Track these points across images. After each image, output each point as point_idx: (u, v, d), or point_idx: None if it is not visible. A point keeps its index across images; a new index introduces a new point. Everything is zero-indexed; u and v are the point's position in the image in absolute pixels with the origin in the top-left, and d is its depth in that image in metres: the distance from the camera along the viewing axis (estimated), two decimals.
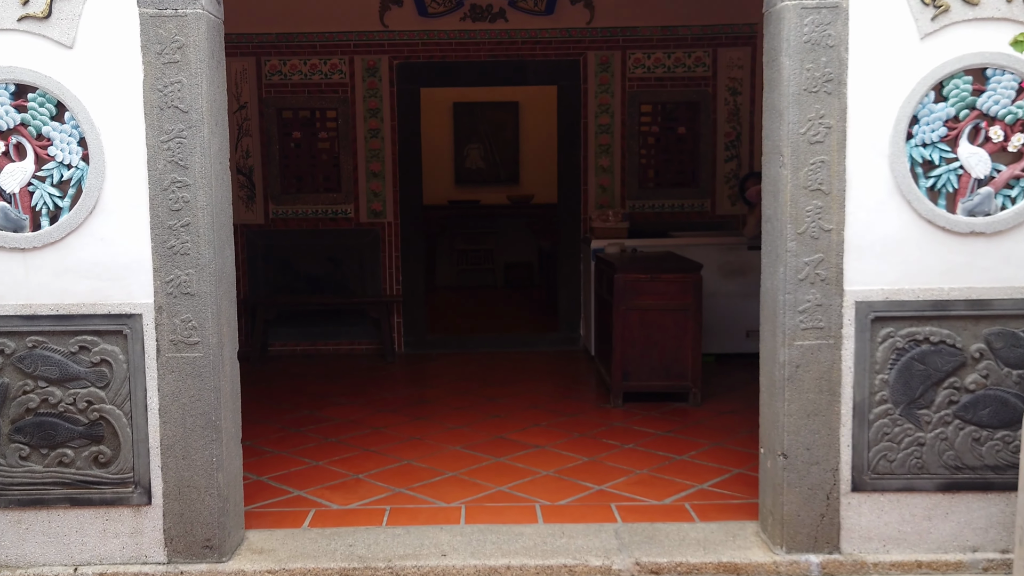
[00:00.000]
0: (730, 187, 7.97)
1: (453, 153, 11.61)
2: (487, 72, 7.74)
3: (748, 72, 7.86)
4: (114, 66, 3.36)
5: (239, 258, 7.77)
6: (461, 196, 11.55)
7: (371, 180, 7.78)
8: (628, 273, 6.08)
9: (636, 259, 6.55)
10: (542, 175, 11.57)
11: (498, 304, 10.51)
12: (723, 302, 7.16)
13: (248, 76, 7.60)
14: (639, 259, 6.56)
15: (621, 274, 6.07)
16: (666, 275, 6.09)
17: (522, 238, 11.71)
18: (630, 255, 6.85)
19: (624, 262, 6.29)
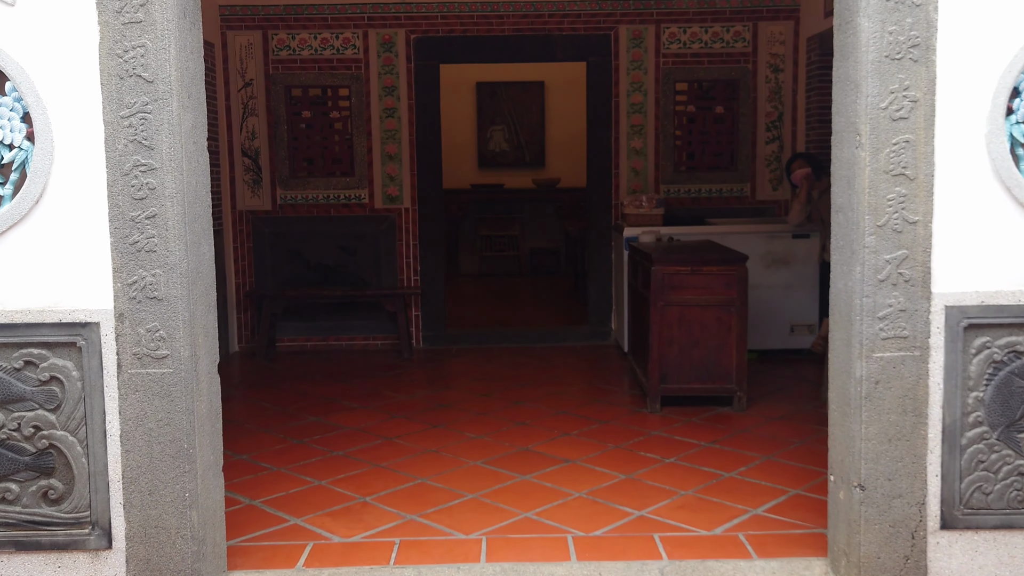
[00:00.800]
0: (771, 170, 7.30)
1: (476, 135, 11.00)
2: (511, 47, 7.11)
3: (791, 48, 7.16)
4: (65, 27, 2.78)
5: (244, 247, 7.22)
6: (484, 180, 10.95)
7: (387, 163, 7.19)
8: (666, 265, 5.45)
9: (674, 249, 5.91)
10: (569, 158, 10.97)
11: (523, 293, 9.91)
12: (765, 294, 6.52)
13: (254, 51, 7.02)
14: (677, 249, 5.92)
15: (659, 266, 5.44)
16: (708, 267, 5.46)
17: (548, 224, 11.10)
18: (666, 245, 6.21)
19: (661, 253, 5.66)
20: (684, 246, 6.10)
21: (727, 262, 5.49)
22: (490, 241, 10.94)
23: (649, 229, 6.61)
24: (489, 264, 11.12)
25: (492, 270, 11.12)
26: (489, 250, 10.94)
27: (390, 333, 7.32)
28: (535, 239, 11.17)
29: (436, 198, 7.26)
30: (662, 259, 5.48)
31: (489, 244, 10.94)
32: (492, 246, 10.94)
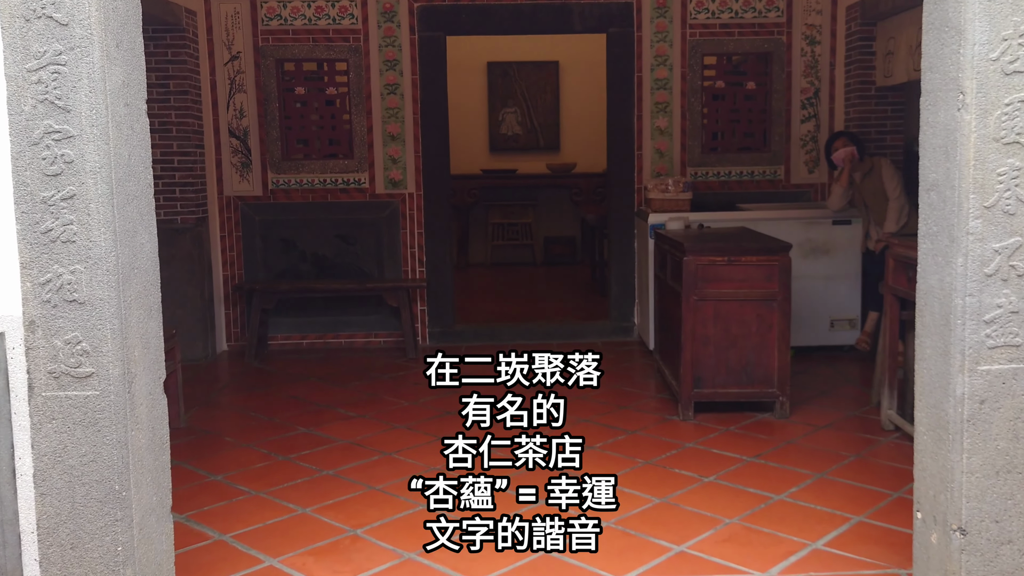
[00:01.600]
0: (807, 151, 6.62)
1: (487, 118, 10.34)
2: (525, 18, 6.44)
3: (828, 17, 6.47)
4: None
5: (232, 236, 6.59)
6: (496, 165, 10.30)
7: (389, 144, 6.54)
8: (700, 255, 4.80)
9: (706, 237, 5.26)
10: (586, 142, 10.30)
11: (537, 284, 9.26)
12: (804, 286, 5.86)
13: (241, 21, 6.38)
14: (709, 237, 5.27)
15: (691, 256, 4.79)
16: (747, 257, 4.81)
17: (563, 211, 10.45)
18: (696, 232, 5.56)
19: (692, 241, 5.01)
20: (717, 234, 5.44)
21: (768, 251, 4.83)
22: (502, 229, 10.29)
23: (677, 215, 5.96)
24: (501, 254, 10.48)
25: (504, 260, 10.48)
26: (501, 239, 10.29)
27: (393, 330, 6.70)
28: (550, 227, 10.52)
29: (443, 182, 6.62)
30: (695, 248, 4.83)
31: (501, 232, 10.29)
32: (504, 234, 10.30)
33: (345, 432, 4.68)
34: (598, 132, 10.22)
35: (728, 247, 4.86)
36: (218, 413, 5.10)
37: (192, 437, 4.69)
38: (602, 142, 10.30)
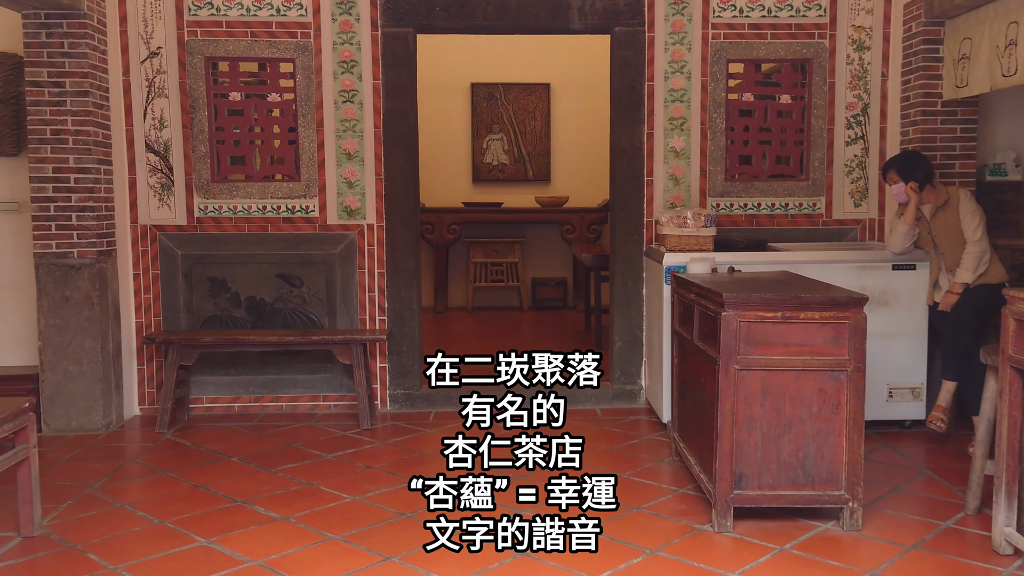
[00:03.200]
0: (853, 180, 5.38)
1: (470, 145, 9.10)
2: (512, 13, 5.21)
3: (880, 17, 5.28)
4: None
5: (148, 274, 5.25)
6: (479, 197, 9.05)
7: (344, 164, 5.25)
8: (744, 308, 3.52)
9: (745, 284, 3.97)
10: (579, 173, 9.09)
11: (524, 334, 7.93)
12: None
13: (162, 9, 5.10)
14: (747, 284, 3.98)
15: (734, 311, 3.50)
16: (809, 313, 3.52)
17: (554, 249, 9.18)
18: (728, 277, 4.28)
19: (730, 289, 3.72)
20: (756, 280, 4.16)
21: (835, 305, 3.54)
22: (485, 269, 8.98)
23: (700, 256, 4.68)
24: (484, 297, 9.17)
25: (487, 304, 9.17)
26: (484, 280, 8.98)
27: (347, 392, 5.35)
28: (539, 267, 9.23)
29: (410, 211, 5.32)
30: (737, 300, 3.53)
31: (484, 273, 8.98)
32: (487, 275, 8.98)
33: (255, 546, 3.32)
34: (593, 162, 9.04)
35: (781, 299, 3.56)
36: (92, 513, 3.73)
37: (39, 553, 3.31)
38: (598, 173, 9.17)
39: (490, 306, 9.17)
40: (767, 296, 3.56)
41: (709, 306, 3.74)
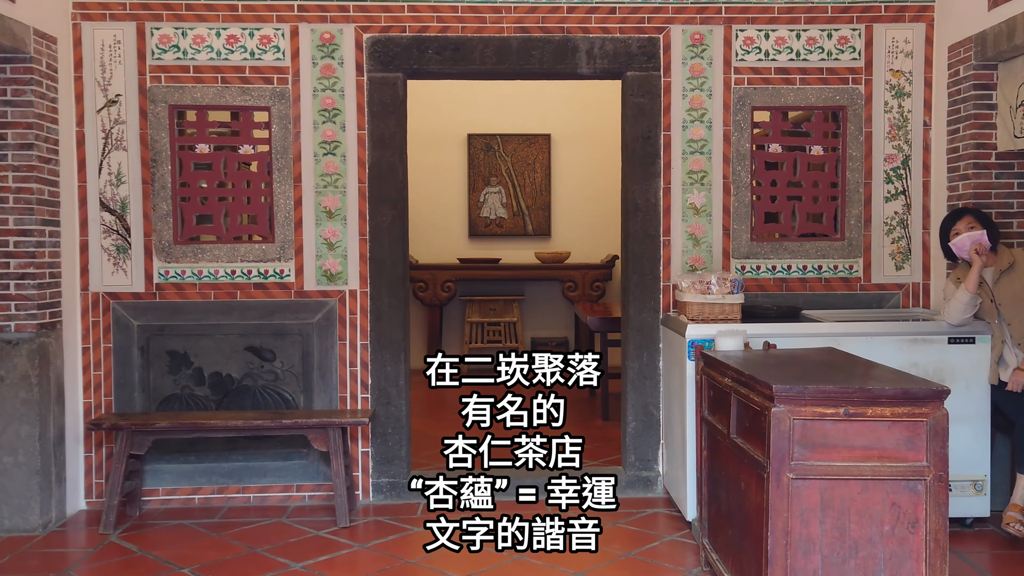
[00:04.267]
0: (894, 240, 4.73)
1: (467, 198, 8.47)
2: (513, 55, 4.59)
3: (921, 61, 4.68)
4: None
5: (98, 348, 4.54)
6: (476, 253, 8.40)
7: (324, 223, 4.59)
8: (799, 402, 2.82)
9: (787, 367, 3.28)
10: (581, 227, 8.47)
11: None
12: None
13: (122, 53, 4.48)
14: (792, 367, 3.30)
15: (787, 406, 2.81)
16: (878, 408, 2.82)
17: (555, 308, 8.51)
18: (764, 355, 3.59)
19: (776, 376, 3.02)
20: (800, 361, 3.47)
21: (910, 399, 2.85)
22: (481, 329, 8.28)
23: (729, 328, 3.99)
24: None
25: None
26: (480, 340, 8.27)
27: (323, 481, 4.61)
28: (538, 327, 8.54)
29: (398, 275, 4.65)
30: (792, 393, 2.83)
31: (480, 333, 8.28)
32: (484, 335, 8.28)
33: None
34: (596, 216, 8.39)
35: (844, 392, 2.86)
36: None
37: None
38: (601, 228, 8.49)
39: None
40: (826, 388, 2.86)
41: (752, 397, 3.05)
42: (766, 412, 2.87)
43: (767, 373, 3.11)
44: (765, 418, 2.88)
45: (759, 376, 3.01)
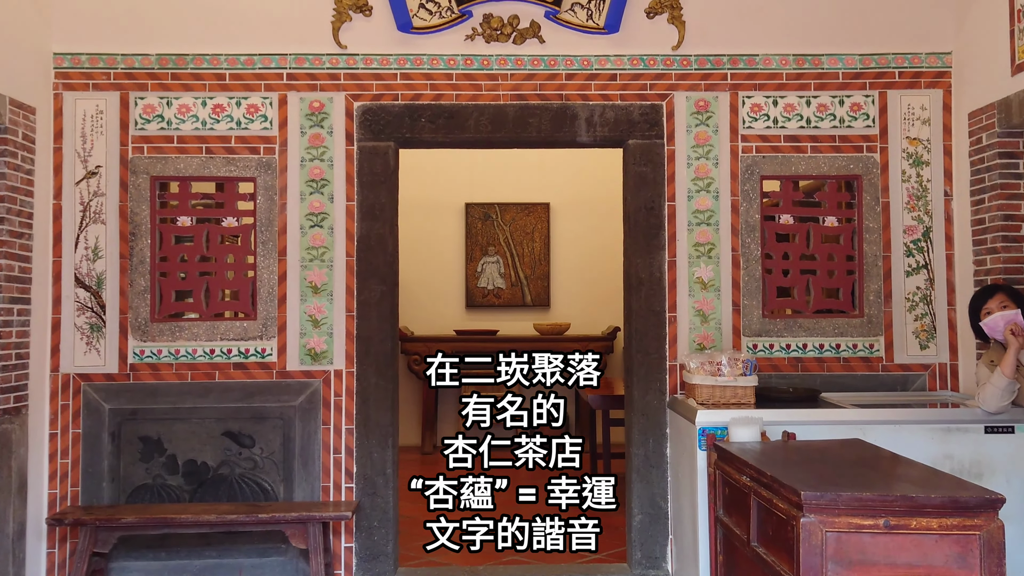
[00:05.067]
0: (917, 316, 4.34)
1: (464, 268, 8.14)
2: (509, 124, 4.31)
3: (939, 128, 4.37)
4: None
5: (66, 434, 4.15)
6: (473, 325, 8.03)
7: (309, 299, 4.24)
8: (832, 511, 2.41)
9: (811, 464, 2.88)
10: (581, 298, 8.10)
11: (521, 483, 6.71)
12: None
13: (105, 123, 4.21)
14: (817, 463, 2.89)
15: (818, 516, 2.40)
16: (924, 519, 2.41)
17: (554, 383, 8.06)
18: (784, 447, 3.18)
19: (803, 481, 2.62)
20: (826, 454, 3.06)
21: (960, 508, 2.44)
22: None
23: (743, 416, 3.58)
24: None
25: None
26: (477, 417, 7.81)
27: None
28: None
29: (387, 354, 4.28)
30: (824, 502, 2.42)
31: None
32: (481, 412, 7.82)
33: None
34: (597, 286, 8.00)
35: (883, 500, 2.44)
36: None
37: None
38: (601, 299, 8.06)
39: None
40: (863, 496, 2.45)
41: (776, 502, 2.63)
42: (794, 522, 2.46)
43: (791, 473, 2.70)
44: (792, 528, 2.47)
45: (783, 478, 2.60)
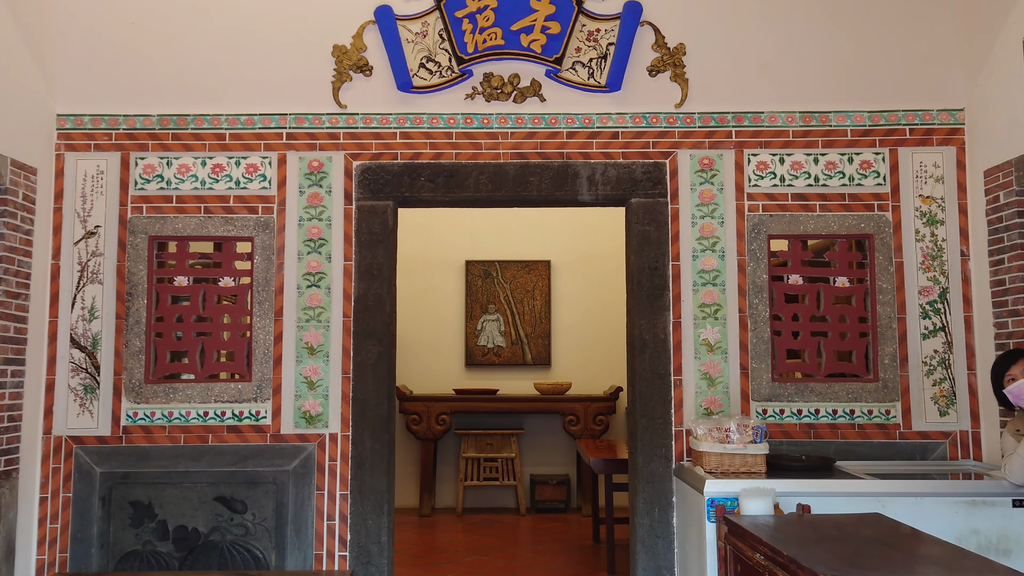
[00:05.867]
0: (935, 381, 4.10)
1: (464, 326, 7.97)
2: (509, 182, 4.20)
3: (953, 186, 4.18)
4: None
5: (56, 498, 4.02)
6: (472, 384, 7.83)
7: (305, 360, 4.11)
8: None
9: (828, 540, 2.64)
10: (583, 357, 7.90)
11: (522, 546, 6.46)
12: None
13: (105, 183, 4.17)
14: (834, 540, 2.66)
15: None
16: None
17: (556, 443, 7.83)
18: (799, 526, 2.95)
19: (815, 554, 2.39)
20: (843, 530, 2.82)
21: None
22: (478, 465, 7.58)
23: (755, 487, 3.35)
24: (476, 497, 7.74)
25: (480, 504, 7.72)
26: (476, 477, 7.56)
27: None
28: (538, 463, 7.83)
29: (383, 417, 4.11)
30: None
31: (476, 469, 7.58)
32: (480, 472, 7.57)
33: None
34: (599, 345, 7.76)
35: None
36: None
37: None
38: (604, 357, 7.74)
39: (483, 507, 7.71)
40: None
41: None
42: None
43: (808, 553, 2.48)
44: None
45: (801, 559, 2.39)
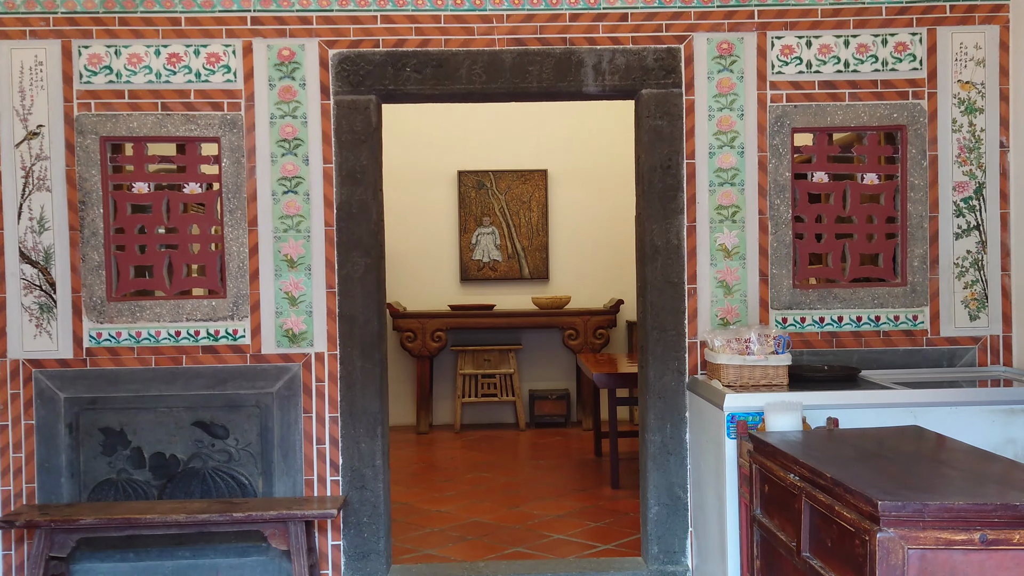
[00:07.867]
0: (966, 284, 3.81)
1: (458, 240, 7.59)
2: (506, 72, 3.74)
3: (995, 70, 3.80)
4: None
5: (17, 427, 3.65)
6: (468, 300, 7.51)
7: (285, 274, 3.71)
8: (917, 524, 1.90)
9: (870, 458, 2.36)
10: (582, 269, 7.59)
11: (522, 460, 6.27)
12: None
13: (45, 76, 3.65)
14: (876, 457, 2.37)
15: (898, 530, 1.88)
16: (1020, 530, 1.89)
17: (555, 358, 7.59)
18: (835, 443, 2.67)
19: (860, 475, 2.10)
20: (882, 443, 2.54)
21: None
22: (475, 382, 7.34)
23: (781, 400, 3.06)
24: (474, 413, 7.53)
25: (479, 420, 7.53)
26: (474, 394, 7.33)
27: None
28: (537, 379, 7.60)
29: (373, 334, 3.75)
30: (906, 513, 1.90)
31: (474, 386, 7.33)
32: (478, 388, 7.33)
33: None
34: (599, 257, 7.44)
35: (979, 509, 1.93)
36: None
37: None
38: (603, 270, 7.45)
39: (482, 423, 7.51)
40: (955, 506, 1.93)
41: (840, 511, 2.11)
42: (866, 536, 1.94)
43: (855, 474, 2.18)
44: (863, 544, 1.96)
45: (850, 482, 2.08)
